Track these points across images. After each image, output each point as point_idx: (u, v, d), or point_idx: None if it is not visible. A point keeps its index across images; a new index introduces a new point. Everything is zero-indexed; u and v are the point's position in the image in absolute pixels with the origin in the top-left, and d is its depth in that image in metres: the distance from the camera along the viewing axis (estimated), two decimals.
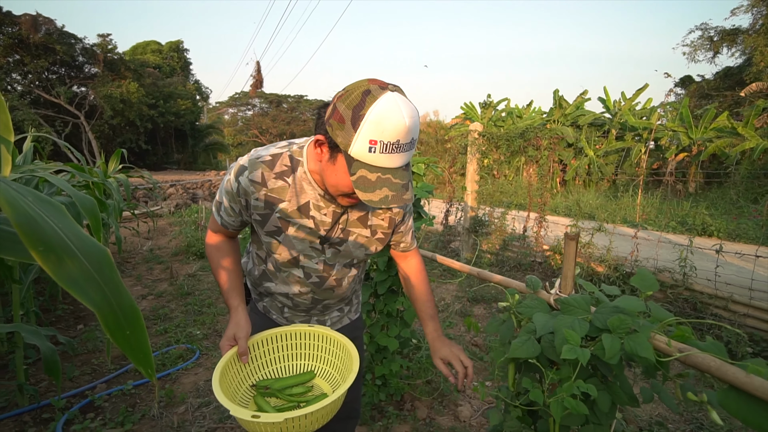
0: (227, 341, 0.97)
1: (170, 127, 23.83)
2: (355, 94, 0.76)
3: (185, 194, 11.02)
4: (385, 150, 0.75)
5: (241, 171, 0.95)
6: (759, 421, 0.57)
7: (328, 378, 1.09)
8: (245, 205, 0.98)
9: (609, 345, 0.68)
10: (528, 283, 1.01)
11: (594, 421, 0.88)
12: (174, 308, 3.66)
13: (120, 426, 2.00)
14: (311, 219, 0.98)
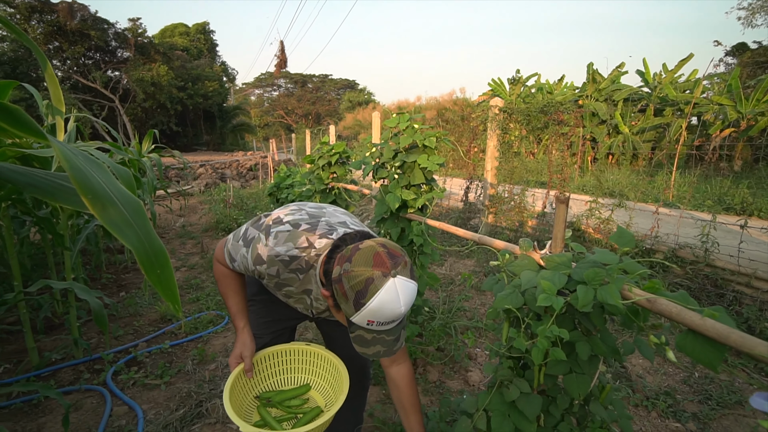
0: (235, 359, 1.15)
1: (199, 109, 24.45)
2: (359, 279, 0.84)
3: (214, 174, 11.42)
4: (381, 325, 0.89)
5: (259, 262, 1.03)
6: (709, 359, 0.63)
7: (322, 391, 1.27)
8: (257, 277, 1.12)
9: (582, 295, 0.75)
10: (521, 245, 1.07)
11: (576, 370, 0.95)
12: (205, 279, 3.91)
13: (159, 378, 2.23)
14: (310, 300, 1.15)
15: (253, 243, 1.05)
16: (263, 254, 1.02)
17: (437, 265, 4.11)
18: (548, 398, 1.03)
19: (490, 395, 1.04)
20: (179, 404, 1.97)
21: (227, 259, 1.14)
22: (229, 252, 1.12)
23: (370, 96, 38.46)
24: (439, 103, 22.71)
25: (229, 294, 1.19)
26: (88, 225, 2.62)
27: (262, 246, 1.03)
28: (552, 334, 0.78)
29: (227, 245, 1.14)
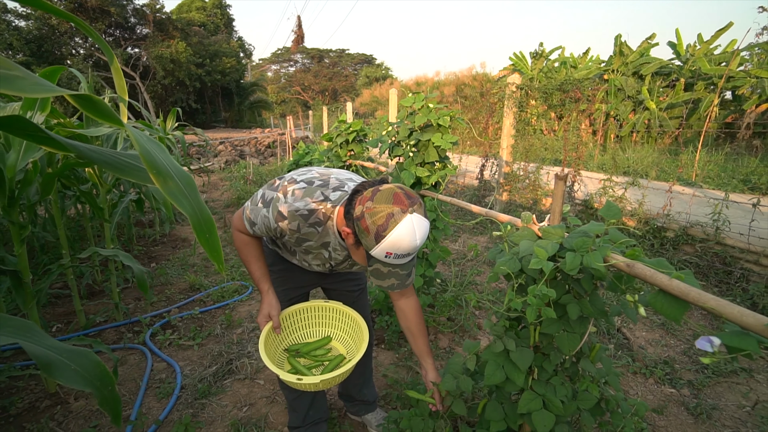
0: (264, 318, 1.28)
1: (217, 86, 24.60)
2: (381, 214, 0.97)
3: (233, 151, 11.65)
4: (397, 258, 1.01)
5: (281, 218, 1.12)
6: (674, 313, 0.73)
7: (342, 341, 1.44)
8: (278, 236, 1.21)
9: (570, 260, 0.85)
10: (522, 218, 1.17)
11: (567, 329, 1.06)
12: (228, 252, 4.13)
13: (192, 340, 2.45)
14: (328, 252, 1.24)
15: (273, 202, 1.13)
16: (284, 211, 1.11)
17: (451, 241, 4.22)
18: (542, 355, 1.15)
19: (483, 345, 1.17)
20: (211, 362, 2.19)
21: (247, 226, 1.21)
22: (249, 218, 1.19)
23: (387, 71, 37.78)
24: (458, 78, 22.20)
25: (251, 260, 1.28)
26: (123, 199, 2.82)
27: (282, 204, 1.11)
28: (541, 294, 0.89)
29: (245, 212, 1.21)
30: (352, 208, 1.03)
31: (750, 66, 10.72)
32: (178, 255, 4.02)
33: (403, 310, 1.31)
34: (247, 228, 1.23)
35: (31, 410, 1.81)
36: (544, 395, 1.12)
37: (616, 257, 0.84)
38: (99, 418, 1.78)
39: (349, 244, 1.10)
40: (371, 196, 1.00)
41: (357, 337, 1.37)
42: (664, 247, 2.96)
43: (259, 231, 1.20)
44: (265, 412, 1.81)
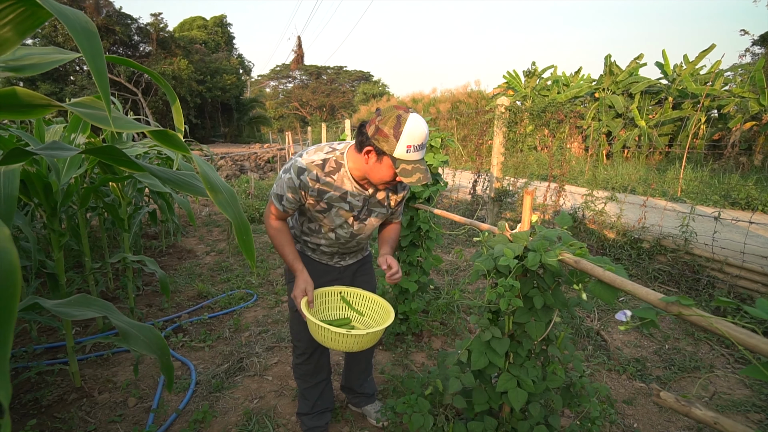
0: (300, 293, 1.44)
1: (217, 102, 25.01)
2: (392, 118, 1.21)
3: (234, 166, 11.91)
4: (416, 150, 1.23)
5: (301, 171, 1.34)
6: (606, 296, 0.95)
7: (362, 322, 1.62)
8: (303, 194, 1.38)
9: (531, 258, 1.07)
10: (498, 226, 1.39)
11: (535, 318, 1.28)
12: (233, 263, 4.32)
13: (203, 342, 2.63)
14: (348, 203, 1.42)
15: (292, 165, 1.35)
16: (303, 164, 1.34)
17: (444, 252, 4.44)
18: (516, 342, 1.36)
19: (471, 339, 1.38)
20: (223, 360, 2.37)
21: (276, 203, 1.39)
22: (276, 195, 1.39)
23: (384, 88, 38.56)
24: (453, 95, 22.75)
25: (285, 245, 1.46)
26: (139, 212, 3.03)
27: (299, 162, 1.35)
28: (508, 285, 1.11)
29: (272, 194, 1.40)
30: (364, 134, 1.26)
31: (733, 86, 11.17)
32: (185, 265, 4.20)
33: (384, 226, 1.63)
34: (276, 207, 1.41)
35: (60, 402, 1.98)
36: (518, 376, 1.33)
37: (566, 255, 1.07)
38: (122, 408, 1.96)
39: (372, 163, 1.27)
40: (376, 116, 1.25)
41: (380, 314, 1.57)
42: (640, 257, 3.20)
43: (287, 203, 1.39)
44: (274, 403, 2.00)
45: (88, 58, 0.62)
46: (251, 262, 1.07)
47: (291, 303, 1.63)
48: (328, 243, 1.55)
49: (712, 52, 11.80)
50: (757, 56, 14.02)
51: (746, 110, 9.91)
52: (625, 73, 12.48)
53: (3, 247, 0.42)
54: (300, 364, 1.68)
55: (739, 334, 0.70)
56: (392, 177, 1.29)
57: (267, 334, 2.76)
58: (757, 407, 1.92)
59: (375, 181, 1.33)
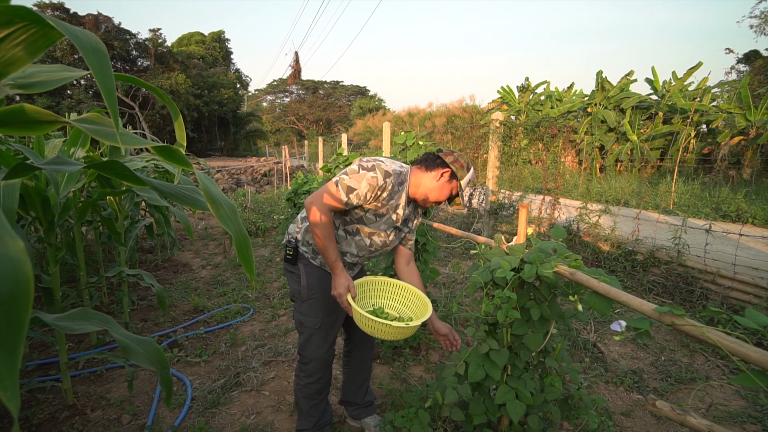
0: (345, 289, 1.43)
1: (214, 116, 25.18)
2: (466, 158, 1.56)
3: (230, 179, 11.92)
4: (467, 184, 1.55)
5: (388, 174, 1.46)
6: (601, 307, 0.97)
7: (395, 310, 1.65)
8: (377, 195, 1.47)
9: (527, 270, 1.09)
10: (495, 239, 1.42)
11: (533, 329, 1.29)
12: (229, 276, 4.30)
13: (198, 357, 2.60)
14: (396, 214, 1.56)
15: (377, 167, 1.45)
16: (389, 170, 1.46)
17: (441, 265, 4.45)
18: (514, 354, 1.37)
19: (469, 351, 1.38)
20: (219, 376, 2.34)
21: (342, 195, 1.43)
22: (348, 186, 1.42)
23: (380, 102, 39.01)
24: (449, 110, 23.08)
25: (331, 242, 1.45)
26: (136, 226, 3.02)
27: (385, 166, 1.46)
28: (505, 297, 1.13)
29: (341, 185, 1.43)
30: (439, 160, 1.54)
31: (721, 102, 11.46)
32: (181, 279, 4.18)
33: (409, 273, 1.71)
34: (341, 197, 1.43)
35: (52, 420, 1.94)
36: (516, 388, 1.33)
37: (562, 268, 1.09)
38: (116, 426, 1.93)
39: (442, 183, 1.52)
40: (449, 152, 1.56)
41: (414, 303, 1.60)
42: (635, 269, 3.23)
43: (355, 197, 1.44)
44: (271, 419, 1.97)
45: (98, 78, 0.64)
46: (251, 276, 1.08)
47: (308, 322, 1.62)
48: (357, 250, 1.60)
49: (699, 70, 12.11)
50: (742, 73, 14.45)
51: (734, 125, 10.16)
52: (616, 89, 12.75)
53: (18, 259, 0.43)
54: (311, 383, 1.66)
55: (730, 343, 0.72)
56: (447, 197, 1.57)
57: (264, 348, 2.73)
58: (753, 418, 1.93)
59: (433, 197, 1.55)
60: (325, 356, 1.65)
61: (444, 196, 1.54)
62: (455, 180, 1.53)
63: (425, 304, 1.50)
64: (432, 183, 1.52)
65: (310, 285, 1.61)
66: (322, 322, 1.61)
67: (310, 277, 1.61)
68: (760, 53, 14.25)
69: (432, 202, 1.58)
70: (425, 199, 1.56)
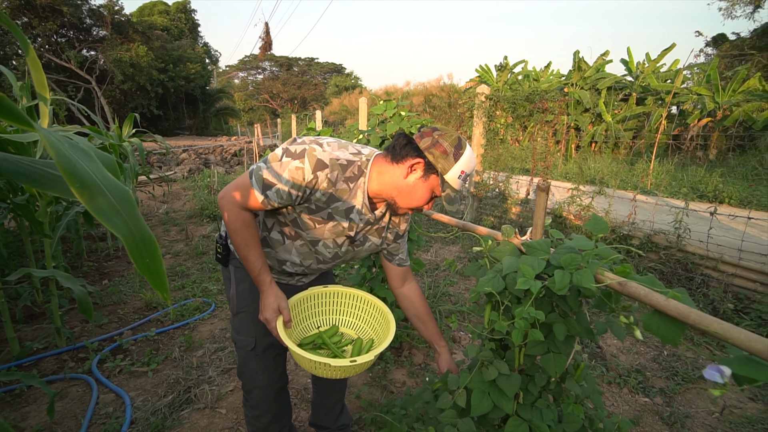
0: (273, 312, 1.09)
1: (181, 92, 23.72)
2: (453, 137, 1.06)
3: (198, 159, 11.19)
4: (464, 179, 1.07)
5: (321, 166, 1.02)
6: (671, 335, 0.68)
7: (356, 329, 1.32)
8: (307, 195, 1.05)
9: (559, 279, 0.79)
10: (503, 231, 1.11)
11: (553, 350, 1.00)
12: (190, 266, 3.88)
13: (146, 365, 2.23)
14: (349, 221, 1.14)
15: (308, 152, 1.02)
16: (324, 158, 1.03)
17: (423, 251, 4.17)
18: (527, 377, 1.08)
19: (471, 374, 1.09)
20: (167, 390, 1.99)
21: (258, 192, 1.03)
22: (266, 180, 1.02)
23: (357, 81, 37.93)
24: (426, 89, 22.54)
25: (252, 246, 1.08)
26: (69, 212, 2.56)
27: (320, 152, 1.03)
28: (530, 316, 0.82)
29: (255, 176, 1.03)
30: (411, 146, 1.07)
31: (691, 84, 11.55)
32: (134, 270, 3.73)
33: (408, 296, 1.33)
34: (257, 196, 1.03)
35: None
36: (531, 420, 1.05)
37: (608, 275, 0.79)
38: None
39: (413, 180, 1.07)
40: (433, 129, 1.08)
41: (372, 316, 1.28)
42: (630, 255, 3.05)
43: (276, 196, 1.03)
44: None
45: None
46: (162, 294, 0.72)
47: (240, 341, 1.28)
48: (301, 258, 1.21)
49: (673, 51, 12.13)
50: (710, 56, 14.64)
51: (703, 107, 10.26)
52: (592, 69, 12.64)
53: None
54: (258, 416, 1.33)
55: None
56: (426, 202, 1.12)
57: (224, 352, 2.39)
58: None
59: (403, 202, 1.11)
60: (268, 384, 1.30)
61: (420, 200, 1.09)
62: (434, 175, 1.06)
63: (387, 324, 1.18)
64: (399, 181, 1.07)
65: (241, 294, 1.25)
66: (256, 342, 1.25)
67: (242, 283, 1.25)
68: (726, 37, 14.42)
69: (405, 209, 1.12)
70: (393, 203, 1.11)
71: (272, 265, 1.23)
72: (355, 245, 1.20)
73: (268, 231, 1.19)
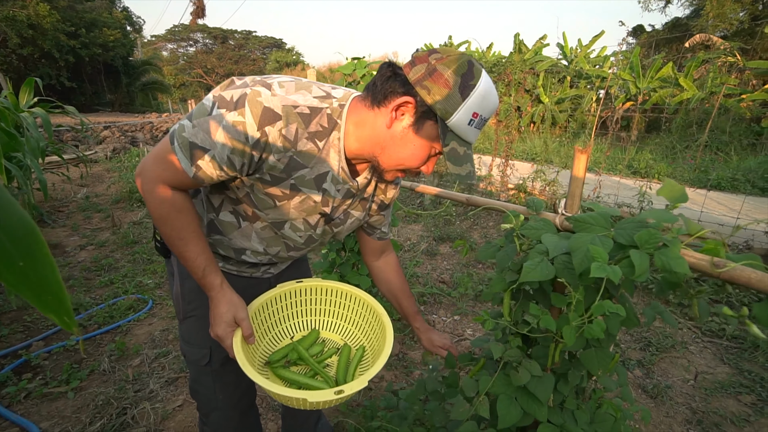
0: (228, 326, 0.82)
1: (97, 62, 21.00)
2: (461, 61, 0.70)
3: (123, 138, 9.94)
4: (479, 126, 0.74)
5: (271, 119, 0.70)
6: None
7: (343, 332, 1.05)
8: (256, 162, 0.74)
9: (638, 261, 0.60)
10: (529, 205, 0.91)
11: (594, 344, 0.84)
12: (119, 258, 3.35)
13: (65, 384, 1.81)
14: (321, 193, 0.83)
15: (249, 99, 0.69)
16: (275, 106, 0.70)
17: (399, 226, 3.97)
18: (557, 376, 0.92)
19: (493, 378, 0.90)
20: (95, 415, 1.60)
21: (185, 161, 0.72)
22: (190, 145, 0.71)
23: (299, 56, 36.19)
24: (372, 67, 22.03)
25: (188, 238, 0.78)
26: None
27: (268, 97, 0.70)
28: (608, 312, 0.63)
29: (178, 140, 0.72)
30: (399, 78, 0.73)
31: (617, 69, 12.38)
32: None
33: (385, 270, 1.11)
34: (183, 168, 0.72)
35: None
36: (563, 426, 0.89)
37: (698, 256, 0.61)
38: None
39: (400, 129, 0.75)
40: (429, 52, 0.73)
41: (360, 316, 1.03)
42: None
43: (210, 167, 0.72)
44: None
45: None
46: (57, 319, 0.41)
47: (191, 353, 0.98)
48: (263, 247, 0.91)
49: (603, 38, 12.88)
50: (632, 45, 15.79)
51: (627, 91, 11.08)
52: (531, 52, 13.03)
53: None
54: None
55: None
56: (422, 162, 0.79)
57: (167, 358, 2.02)
58: (745, 387, 1.80)
59: (389, 163, 0.79)
60: (230, 404, 1.03)
61: (413, 159, 0.77)
62: (431, 121, 0.73)
63: (382, 328, 0.93)
64: (381, 133, 0.76)
65: (188, 293, 0.95)
66: (212, 354, 0.97)
67: (188, 279, 0.94)
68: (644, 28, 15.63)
69: (393, 173, 0.82)
70: (377, 165, 0.80)
71: (228, 255, 0.93)
72: (333, 225, 0.92)
73: (215, 212, 0.88)
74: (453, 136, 0.73)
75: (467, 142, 0.75)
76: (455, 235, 3.75)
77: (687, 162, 7.56)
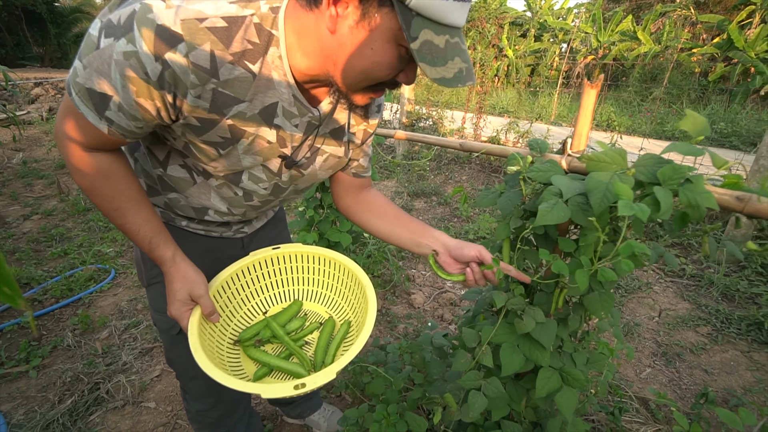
0: (183, 305, 0.72)
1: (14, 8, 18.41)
2: None
3: (59, 96, 8.95)
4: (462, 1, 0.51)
5: (169, 42, 0.51)
6: None
7: (319, 298, 0.96)
8: (171, 103, 0.56)
9: (663, 198, 0.57)
10: (532, 146, 0.86)
11: (597, 287, 0.83)
12: (72, 227, 3.08)
13: (24, 363, 1.68)
14: (275, 129, 0.66)
15: (138, 19, 0.51)
16: (171, 24, 0.51)
17: None
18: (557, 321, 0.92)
19: (495, 327, 0.88)
20: (63, 393, 1.50)
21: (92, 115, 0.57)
22: (89, 92, 0.55)
23: None
24: None
25: (124, 207, 0.66)
26: None
27: (161, 10, 0.51)
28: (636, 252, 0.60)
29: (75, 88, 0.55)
30: None
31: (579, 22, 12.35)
32: None
33: (371, 202, 0.90)
34: (93, 124, 0.57)
35: None
36: (562, 368, 0.89)
37: (721, 190, 0.58)
38: None
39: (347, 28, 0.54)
40: None
41: (344, 284, 0.91)
42: None
43: (121, 119, 0.57)
44: None
45: None
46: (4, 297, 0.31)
47: (161, 322, 0.88)
48: (226, 206, 0.79)
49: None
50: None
51: (589, 45, 11.12)
52: (496, 3, 12.65)
53: None
54: (203, 411, 0.99)
55: None
56: (392, 70, 0.57)
57: (138, 328, 1.92)
58: (702, 320, 1.95)
59: (348, 80, 0.59)
60: None
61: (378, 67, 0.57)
62: (386, 7, 0.51)
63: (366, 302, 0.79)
64: (326, 41, 0.56)
65: (148, 260, 0.84)
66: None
67: None
68: None
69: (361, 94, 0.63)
70: (338, 87, 0.61)
71: (189, 215, 0.81)
72: (301, 168, 0.76)
73: (161, 166, 0.74)
74: (423, 22, 0.50)
75: (448, 25, 0.52)
76: (429, 190, 3.72)
77: (644, 114, 7.82)
